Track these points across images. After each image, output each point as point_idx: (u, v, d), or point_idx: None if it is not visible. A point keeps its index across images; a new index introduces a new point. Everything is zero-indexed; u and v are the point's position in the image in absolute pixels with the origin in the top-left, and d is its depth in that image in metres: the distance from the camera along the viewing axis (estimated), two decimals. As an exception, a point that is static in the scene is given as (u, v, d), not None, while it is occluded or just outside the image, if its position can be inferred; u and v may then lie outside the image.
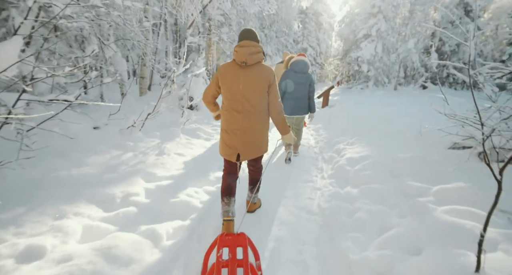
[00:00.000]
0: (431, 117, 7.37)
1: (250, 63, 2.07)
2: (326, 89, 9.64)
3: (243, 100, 2.11)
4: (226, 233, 2.07)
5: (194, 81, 6.61)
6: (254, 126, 2.19)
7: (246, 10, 9.25)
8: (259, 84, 2.11)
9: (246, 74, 2.09)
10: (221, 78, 2.15)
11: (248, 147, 2.21)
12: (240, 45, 2.09)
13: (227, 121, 2.21)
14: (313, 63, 26.64)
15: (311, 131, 6.85)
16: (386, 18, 17.59)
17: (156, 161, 3.48)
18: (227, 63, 2.19)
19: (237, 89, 2.10)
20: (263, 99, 2.17)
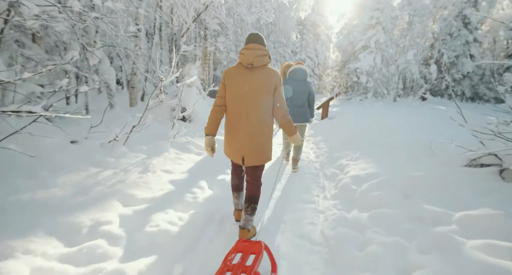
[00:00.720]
0: (437, 130, 7.08)
1: (257, 65, 2.08)
2: (326, 101, 9.35)
3: (248, 103, 2.10)
4: (244, 239, 2.02)
5: (187, 91, 6.28)
6: (259, 130, 2.17)
7: (243, 19, 9.03)
8: (265, 86, 2.10)
9: (252, 76, 2.09)
10: (227, 80, 2.16)
11: (252, 151, 2.18)
12: (247, 48, 2.10)
13: (231, 124, 2.19)
14: (311, 74, 26.57)
15: (311, 144, 6.48)
16: (385, 30, 17.54)
17: (139, 180, 3.08)
18: (233, 66, 2.20)
19: (243, 91, 2.10)
20: (268, 102, 2.15)
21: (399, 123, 7.66)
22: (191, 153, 4.45)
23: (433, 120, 8.65)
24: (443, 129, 7.04)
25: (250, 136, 2.14)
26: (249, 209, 2.32)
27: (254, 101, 2.10)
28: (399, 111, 11.64)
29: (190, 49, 7.22)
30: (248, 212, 2.32)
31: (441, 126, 7.54)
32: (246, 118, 2.12)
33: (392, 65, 18.06)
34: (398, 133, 6.02)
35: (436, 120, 8.85)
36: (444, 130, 6.82)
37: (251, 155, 2.19)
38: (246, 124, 2.12)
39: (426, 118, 9.17)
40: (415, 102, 19.07)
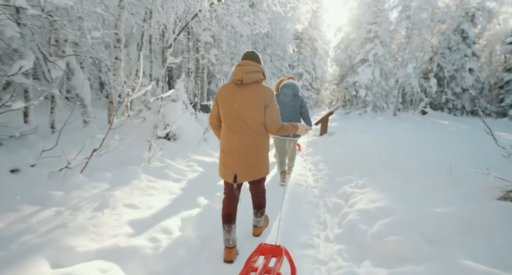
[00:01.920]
0: (450, 148, 6.44)
1: (247, 81, 2.06)
2: (325, 115, 8.76)
3: (238, 120, 2.09)
4: (265, 243, 2.10)
5: (171, 106, 5.67)
6: (251, 147, 2.14)
7: (236, 31, 8.57)
8: (255, 103, 2.06)
9: (242, 93, 2.07)
10: (219, 97, 2.16)
11: (245, 168, 2.17)
12: (239, 64, 2.11)
13: (224, 141, 2.20)
14: (309, 88, 26.26)
15: (309, 164, 5.82)
16: (383, 43, 17.26)
17: (88, 222, 2.39)
18: (226, 83, 2.20)
19: (233, 108, 2.08)
20: (259, 119, 2.12)
21: (406, 141, 7.05)
22: (168, 179, 3.76)
23: (441, 137, 8.05)
24: (456, 147, 6.42)
25: (242, 154, 2.13)
26: (258, 214, 2.55)
27: (244, 118, 2.08)
28: (403, 127, 11.07)
29: (177, 61, 6.69)
30: (257, 216, 2.57)
31: (452, 144, 6.92)
32: (238, 135, 2.10)
33: (391, 78, 17.68)
34: (408, 153, 5.39)
35: (443, 137, 8.25)
36: (457, 149, 6.20)
37: (243, 172, 2.17)
38: (238, 141, 2.11)
39: (433, 135, 8.57)
40: (416, 116, 18.58)
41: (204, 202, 3.24)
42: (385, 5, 17.04)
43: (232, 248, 2.27)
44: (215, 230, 2.57)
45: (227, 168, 2.18)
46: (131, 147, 4.57)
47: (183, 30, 6.20)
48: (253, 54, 2.19)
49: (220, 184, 3.95)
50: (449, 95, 21.48)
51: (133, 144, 4.67)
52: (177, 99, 5.78)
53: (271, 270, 1.79)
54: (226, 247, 2.27)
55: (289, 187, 4.34)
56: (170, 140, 5.81)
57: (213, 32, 9.20)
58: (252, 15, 6.43)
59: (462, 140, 7.88)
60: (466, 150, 6.04)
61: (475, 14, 19.83)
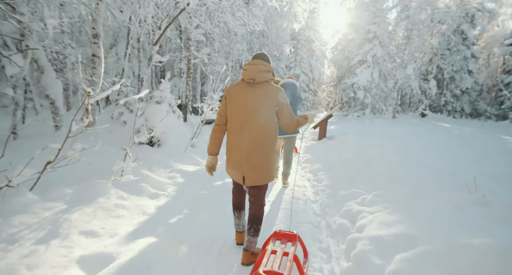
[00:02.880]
0: (462, 155, 5.88)
1: (258, 80, 2.04)
2: (323, 118, 8.24)
3: (249, 120, 2.04)
4: (280, 230, 2.32)
5: (155, 109, 5.11)
6: (259, 149, 2.08)
7: (230, 28, 8.04)
8: (267, 103, 2.04)
9: (254, 92, 2.04)
10: (229, 97, 2.11)
11: (253, 171, 2.10)
12: (250, 64, 2.10)
13: (232, 142, 2.14)
14: (306, 90, 25.83)
15: (308, 173, 5.29)
16: (382, 44, 16.84)
17: (22, 261, 1.83)
18: (236, 82, 2.16)
19: (244, 108, 2.04)
20: (270, 119, 2.08)
21: (411, 146, 6.54)
22: (143, 195, 3.20)
23: (447, 142, 7.56)
24: (466, 154, 5.92)
25: (251, 155, 2.07)
26: (252, 230, 2.22)
27: (255, 119, 2.03)
28: (404, 130, 10.59)
29: (164, 59, 6.13)
30: (251, 233, 2.23)
31: (460, 150, 6.42)
32: (248, 136, 2.05)
33: (391, 80, 17.25)
34: (417, 161, 4.87)
35: (449, 141, 7.76)
36: (468, 155, 5.70)
37: (252, 175, 2.10)
38: (247, 142, 2.06)
39: (438, 139, 8.08)
40: (416, 119, 18.16)
41: (184, 225, 2.68)
42: (383, 5, 16.63)
43: (242, 232, 2.41)
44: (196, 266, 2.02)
45: (236, 169, 2.13)
46: (103, 156, 3.99)
47: (169, 25, 5.65)
48: (263, 55, 2.18)
49: (205, 196, 3.41)
50: (448, 97, 21.11)
51: (105, 153, 4.09)
52: (162, 101, 5.22)
53: (288, 252, 1.99)
54: (237, 231, 2.42)
55: (286, 201, 3.80)
56: (154, 145, 5.25)
57: (205, 30, 8.66)
58: (246, 11, 5.91)
59: (470, 144, 7.40)
60: (479, 157, 5.54)
61: (475, 15, 19.52)
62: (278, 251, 2.00)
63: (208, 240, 2.48)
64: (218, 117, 2.22)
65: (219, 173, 4.30)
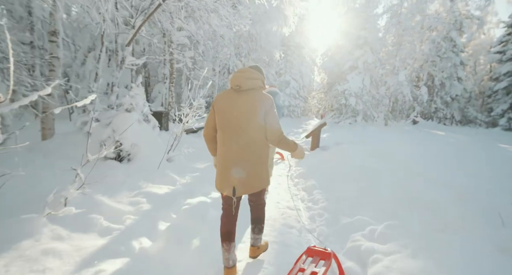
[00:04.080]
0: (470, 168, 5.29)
1: (245, 88, 1.98)
2: (317, 127, 7.64)
3: (237, 128, 1.97)
4: (313, 246, 2.23)
5: (124, 118, 4.39)
6: (250, 157, 2.01)
7: (215, 30, 7.41)
8: (254, 110, 1.95)
9: (240, 100, 1.97)
10: (216, 105, 2.05)
11: (244, 180, 2.02)
12: (237, 71, 2.05)
13: (221, 151, 2.05)
14: (297, 96, 25.42)
15: (301, 191, 4.62)
16: (373, 50, 16.55)
17: None
18: (224, 91, 2.10)
19: (231, 116, 1.97)
20: (259, 127, 1.98)
21: (413, 158, 5.98)
22: (91, 231, 2.45)
23: (448, 152, 7.05)
24: (474, 166, 5.39)
25: (241, 164, 1.99)
26: (256, 229, 2.28)
27: (243, 127, 1.96)
28: (399, 139, 10.10)
29: (138, 62, 5.44)
30: (255, 232, 2.28)
31: (466, 161, 5.89)
32: (236, 144, 1.98)
33: (382, 87, 16.94)
34: (425, 177, 4.28)
35: (450, 151, 7.25)
36: (478, 168, 5.16)
37: (242, 184, 2.02)
38: (236, 151, 1.98)
39: (437, 149, 7.59)
40: (408, 126, 17.85)
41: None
42: (374, 11, 16.40)
43: (232, 268, 2.12)
44: None
45: (225, 180, 2.04)
46: (47, 179, 3.22)
47: (144, 23, 4.98)
48: (256, 66, 2.14)
49: (178, 227, 2.69)
50: (438, 104, 20.99)
51: (49, 175, 3.31)
52: (133, 108, 4.50)
53: (317, 272, 1.87)
54: (225, 267, 2.12)
55: (276, 230, 3.12)
56: (123, 161, 4.51)
57: (189, 32, 8.01)
58: (231, 9, 5.30)
59: (472, 155, 6.92)
60: (489, 170, 5.01)
61: (463, 23, 19.56)
62: (307, 270, 1.90)
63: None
64: (205, 129, 2.15)
65: (198, 191, 3.62)
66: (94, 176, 3.42)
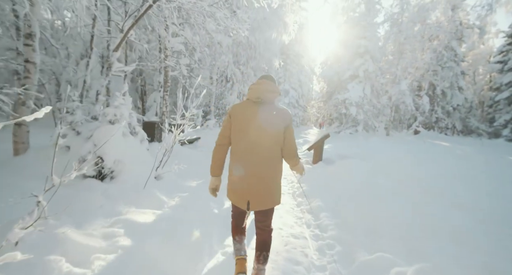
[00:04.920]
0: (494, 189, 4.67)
1: (265, 100, 1.98)
2: (319, 139, 7.17)
3: (255, 142, 1.94)
4: None
5: (107, 131, 3.89)
6: (267, 171, 1.97)
7: (212, 36, 7.01)
8: (275, 124, 1.95)
9: (261, 113, 1.94)
10: (234, 117, 2.00)
11: (260, 195, 1.97)
12: (256, 83, 2.04)
13: (237, 164, 1.98)
14: (296, 105, 25.08)
15: (306, 214, 4.10)
16: (374, 59, 16.26)
17: None
18: (241, 102, 2.07)
19: (249, 129, 1.94)
20: (277, 142, 1.98)
21: (426, 173, 5.50)
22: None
23: (461, 167, 6.58)
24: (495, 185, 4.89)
25: (257, 178, 1.95)
26: (261, 257, 2.09)
27: (261, 140, 1.94)
28: (405, 150, 9.65)
29: (127, 68, 4.98)
30: (260, 261, 2.09)
31: (484, 179, 5.40)
32: (253, 158, 1.94)
33: (383, 96, 16.58)
34: (446, 198, 3.79)
35: (462, 165, 6.78)
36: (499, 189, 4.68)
37: (257, 199, 1.98)
38: (253, 164, 1.94)
39: (448, 163, 7.12)
40: (410, 136, 17.45)
41: None
42: (374, 19, 16.19)
43: (243, 258, 2.14)
44: None
45: (240, 193, 2.00)
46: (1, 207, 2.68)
47: (133, 27, 4.54)
48: (269, 76, 2.12)
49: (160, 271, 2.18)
50: (439, 114, 20.69)
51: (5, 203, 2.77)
52: (117, 120, 4.01)
53: None
54: (237, 257, 2.14)
55: (279, 267, 2.60)
56: (105, 179, 3.99)
57: (185, 39, 7.60)
58: (228, 12, 4.89)
59: (486, 169, 6.45)
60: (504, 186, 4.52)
61: (463, 32, 19.42)
62: None
63: None
64: (220, 137, 2.09)
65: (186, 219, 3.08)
66: (65, 200, 2.90)
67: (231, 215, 2.27)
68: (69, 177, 2.46)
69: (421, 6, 14.53)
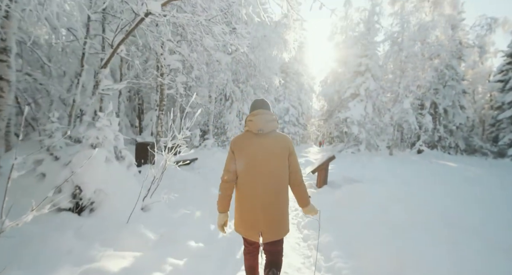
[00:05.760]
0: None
1: (267, 131, 1.98)
2: (324, 161, 6.69)
3: (261, 172, 1.93)
4: None
5: (87, 157, 3.42)
6: (275, 200, 1.95)
7: (210, 53, 6.69)
8: (278, 153, 1.96)
9: (263, 143, 1.96)
10: (237, 150, 1.98)
11: (271, 225, 1.95)
12: (255, 114, 2.00)
13: (245, 196, 1.98)
14: (296, 124, 24.77)
15: (314, 251, 3.55)
16: (375, 77, 16.09)
17: None
18: (241, 134, 2.08)
19: (255, 161, 1.94)
20: (284, 171, 1.98)
21: (444, 201, 4.99)
22: None
23: (480, 193, 6.06)
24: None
25: (267, 209, 1.93)
26: (271, 273, 2.04)
27: (268, 170, 1.93)
28: (413, 172, 9.16)
29: (117, 86, 4.59)
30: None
31: (503, 208, 4.90)
32: (262, 189, 1.92)
33: (386, 114, 16.27)
34: (482, 239, 3.26)
35: (481, 192, 6.26)
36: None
37: (269, 230, 1.95)
38: (261, 196, 1.92)
39: (461, 187, 6.62)
40: (414, 156, 16.96)
41: None
42: (374, 38, 16.16)
43: None
44: None
45: (251, 226, 1.95)
46: None
47: (123, 41, 4.18)
48: (264, 102, 2.10)
49: None
50: (441, 132, 20.34)
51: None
52: (100, 144, 3.54)
53: None
54: None
55: None
56: (84, 211, 3.46)
57: (183, 56, 7.29)
58: (226, 27, 4.57)
59: (506, 194, 5.94)
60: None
61: (463, 51, 19.43)
62: None
63: None
64: (227, 173, 2.01)
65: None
66: (25, 244, 2.38)
67: (243, 252, 2.15)
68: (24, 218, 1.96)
69: (421, 25, 14.51)
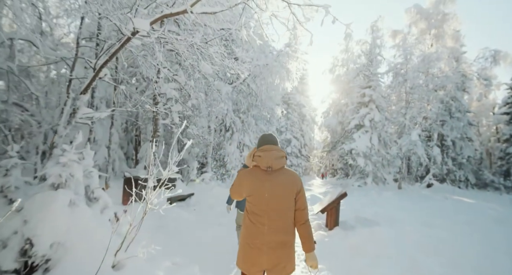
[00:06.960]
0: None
1: (276, 168, 1.92)
2: (334, 199, 5.91)
3: (268, 210, 1.87)
4: None
5: (45, 202, 2.73)
6: (281, 239, 1.87)
7: (210, 81, 6.25)
8: (287, 191, 1.90)
9: (272, 181, 1.90)
10: (245, 185, 1.96)
11: (275, 264, 1.86)
12: (263, 150, 1.96)
13: (251, 233, 1.90)
14: (298, 155, 24.08)
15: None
16: (379, 108, 15.70)
17: None
18: (249, 169, 2.01)
19: (262, 198, 1.89)
20: (290, 209, 1.91)
21: (477, 246, 4.18)
22: None
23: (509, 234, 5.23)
24: None
25: (272, 248, 1.85)
26: None
27: (276, 209, 1.87)
28: (429, 210, 8.31)
29: (99, 115, 4.03)
30: None
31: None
32: (268, 227, 1.85)
33: (393, 146, 15.64)
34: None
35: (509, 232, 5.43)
36: None
37: (274, 269, 1.86)
38: (268, 234, 1.85)
39: (491, 230, 5.78)
40: (424, 190, 16.05)
41: None
42: (377, 69, 16.05)
43: None
44: None
45: (254, 263, 1.88)
46: None
47: (106, 64, 3.70)
48: (273, 138, 2.05)
49: None
50: (450, 165, 19.55)
51: None
52: (64, 184, 2.87)
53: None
54: None
55: None
56: (35, 273, 2.69)
57: (179, 84, 6.85)
58: (224, 49, 4.13)
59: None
60: None
61: (466, 83, 19.30)
62: None
63: None
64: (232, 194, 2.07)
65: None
66: None
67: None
68: None
69: (425, 56, 14.41)
